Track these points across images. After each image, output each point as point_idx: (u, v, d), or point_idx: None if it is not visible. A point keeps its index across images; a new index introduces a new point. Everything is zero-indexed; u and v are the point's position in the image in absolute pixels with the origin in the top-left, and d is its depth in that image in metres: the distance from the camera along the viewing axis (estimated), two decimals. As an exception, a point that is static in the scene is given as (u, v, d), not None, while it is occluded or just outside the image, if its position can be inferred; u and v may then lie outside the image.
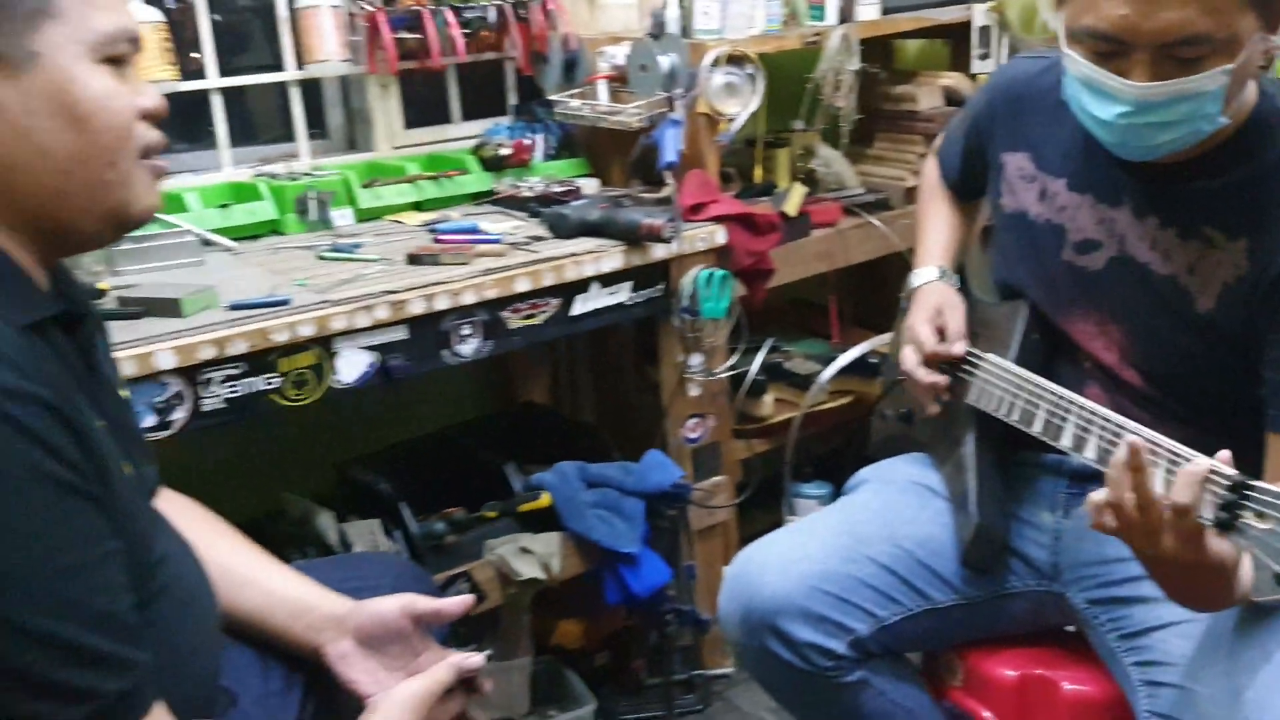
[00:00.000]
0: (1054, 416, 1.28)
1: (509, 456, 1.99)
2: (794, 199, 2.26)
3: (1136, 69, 1.13)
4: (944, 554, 1.43)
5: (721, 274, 1.99)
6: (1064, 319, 1.40)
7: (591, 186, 2.23)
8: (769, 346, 2.29)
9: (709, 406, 2.11)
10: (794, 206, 2.25)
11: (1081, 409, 1.24)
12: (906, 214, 2.29)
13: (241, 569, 1.17)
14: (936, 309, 1.51)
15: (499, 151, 2.21)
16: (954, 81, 2.54)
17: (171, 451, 1.37)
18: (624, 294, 1.94)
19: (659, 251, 1.93)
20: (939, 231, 1.64)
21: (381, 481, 1.91)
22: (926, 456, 1.56)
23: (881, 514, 1.47)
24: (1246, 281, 1.22)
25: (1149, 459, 1.04)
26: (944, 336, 1.48)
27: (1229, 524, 1.02)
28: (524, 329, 1.82)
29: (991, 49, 2.52)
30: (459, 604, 1.19)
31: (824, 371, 2.29)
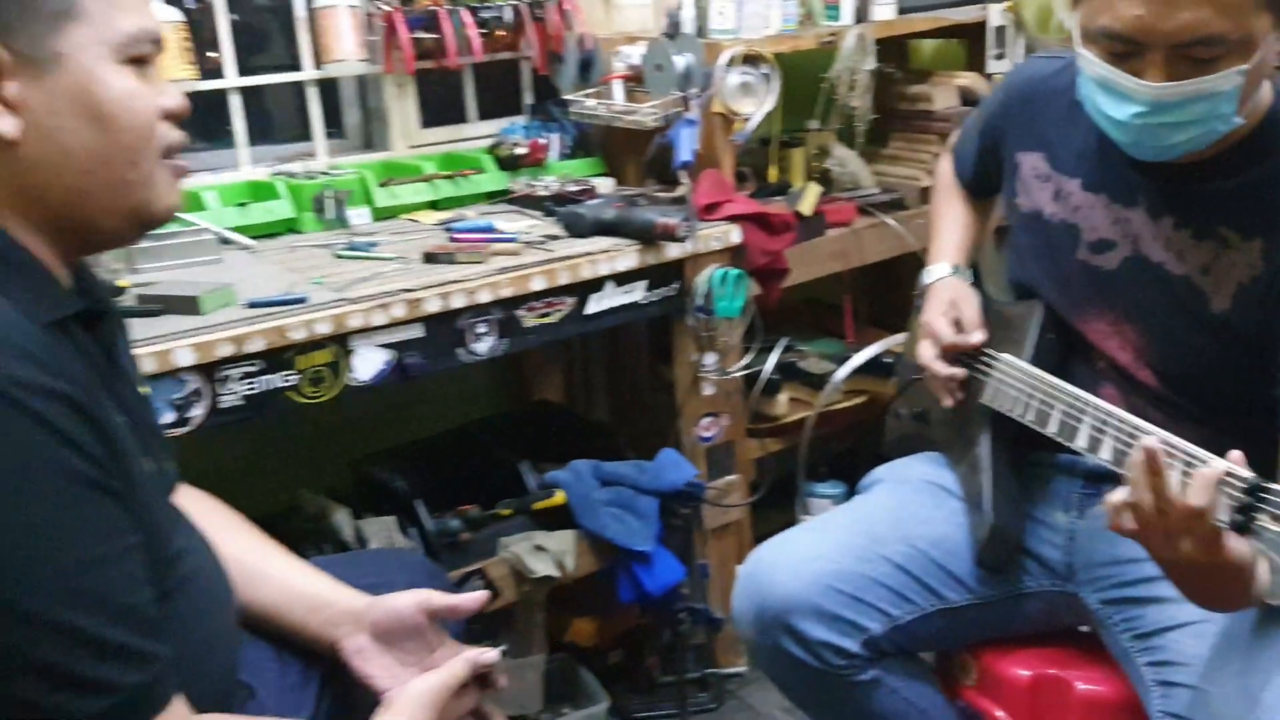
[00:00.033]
0: (1069, 417, 1.28)
1: (524, 454, 2.00)
2: (809, 198, 2.26)
3: (1151, 69, 1.13)
4: (958, 554, 1.43)
5: (736, 273, 1.99)
6: (1079, 318, 1.39)
7: (606, 186, 2.23)
8: (783, 346, 2.29)
9: (723, 405, 2.11)
10: (809, 206, 2.25)
11: (1097, 410, 1.24)
12: (921, 214, 2.29)
13: (259, 564, 1.18)
14: (951, 302, 1.51)
15: (514, 151, 2.22)
16: (969, 81, 2.54)
17: (190, 448, 1.38)
18: (639, 293, 1.94)
19: (674, 251, 1.94)
20: (952, 229, 1.64)
21: (397, 479, 1.92)
22: (941, 456, 1.56)
23: (896, 513, 1.47)
24: (1261, 281, 1.21)
25: (1165, 461, 1.04)
26: (960, 329, 1.48)
27: (1244, 526, 1.02)
28: (539, 327, 1.83)
29: (1007, 49, 2.52)
30: (474, 600, 1.19)
31: (838, 371, 2.29)
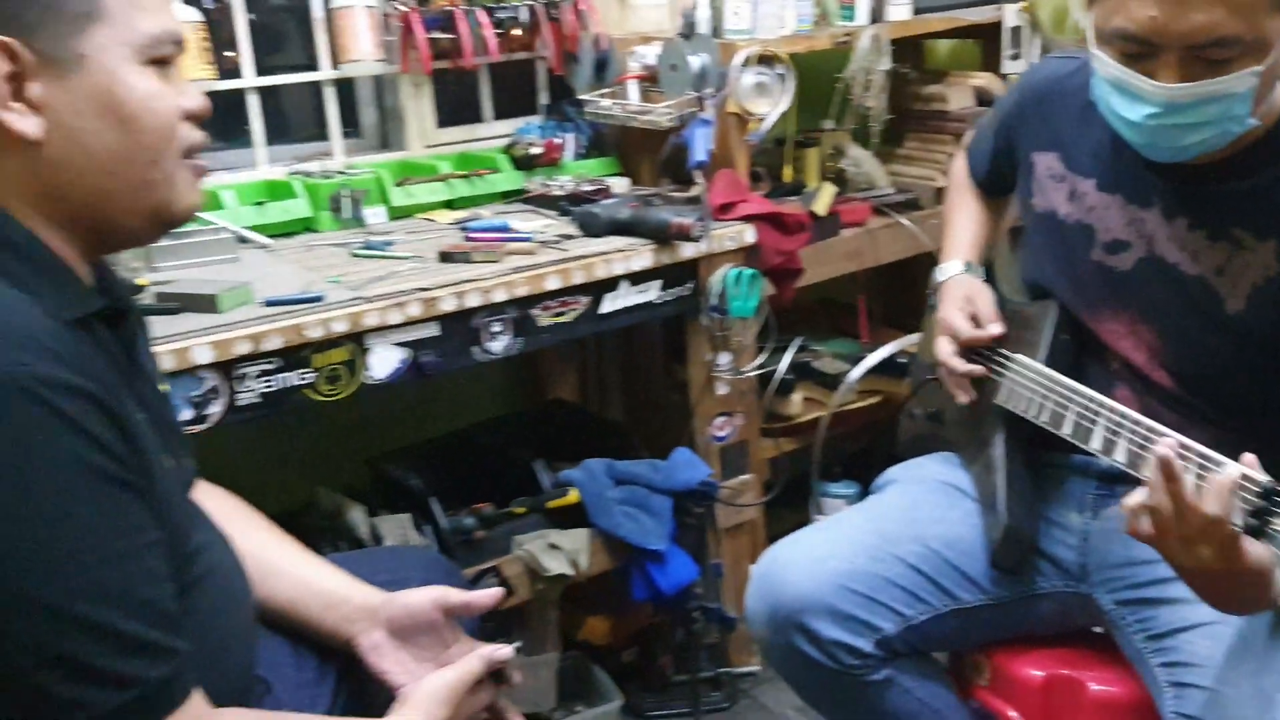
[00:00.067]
0: (1084, 419, 1.28)
1: (538, 453, 2.00)
2: (823, 198, 2.26)
3: (1165, 70, 1.13)
4: (972, 554, 1.42)
5: (750, 273, 1.99)
6: (1093, 319, 1.39)
7: (621, 185, 2.24)
8: (797, 345, 2.29)
9: (737, 405, 2.12)
10: (823, 206, 2.25)
11: (1111, 412, 1.24)
12: (936, 214, 2.29)
13: (276, 560, 1.19)
14: (966, 298, 1.51)
15: (530, 150, 2.23)
16: (985, 82, 2.53)
17: (207, 445, 1.39)
18: (653, 292, 1.94)
19: (688, 250, 1.94)
20: (965, 227, 1.64)
21: (412, 476, 1.93)
22: (955, 456, 1.56)
23: (909, 513, 1.47)
24: (1275, 283, 1.21)
25: (1180, 466, 1.04)
26: (976, 324, 1.48)
27: (1259, 530, 1.01)
28: (554, 327, 1.83)
29: (1023, 49, 2.51)
30: (489, 596, 1.20)
31: (852, 371, 2.29)
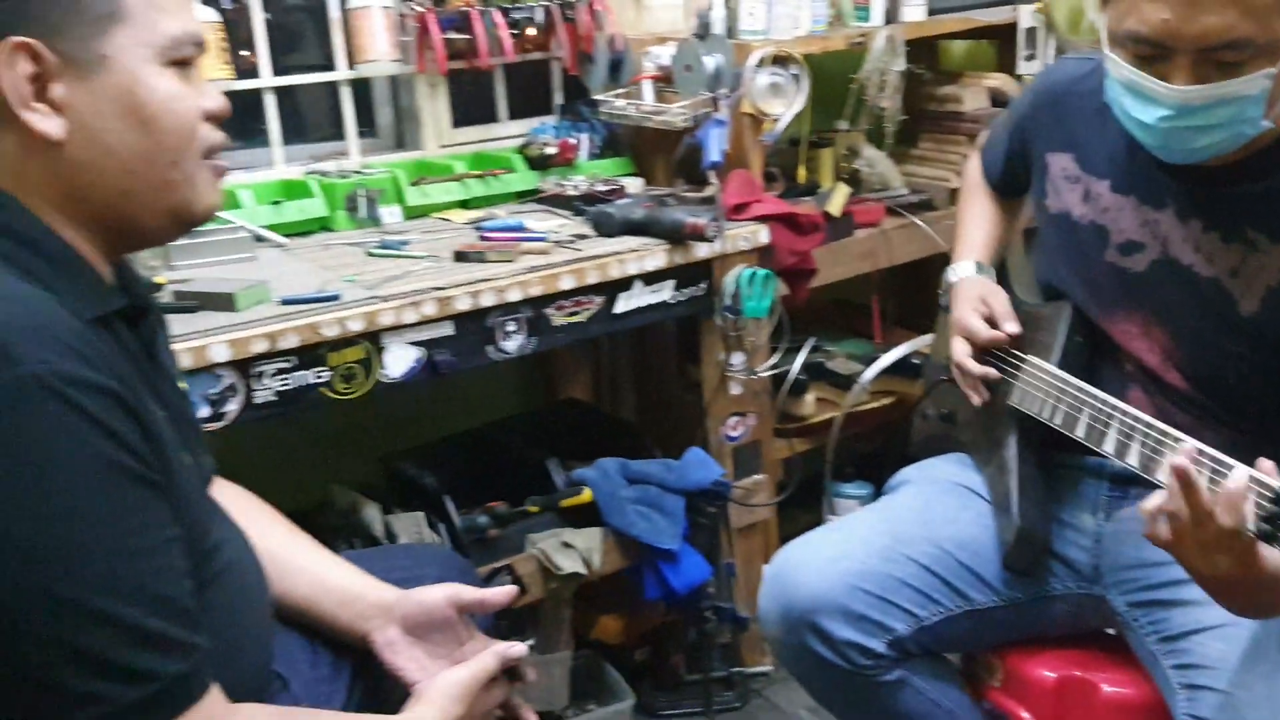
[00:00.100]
0: (1097, 422, 1.28)
1: (551, 452, 2.01)
2: (837, 199, 2.26)
3: (1178, 73, 1.13)
4: (985, 555, 1.43)
5: (764, 273, 1.99)
6: (1107, 320, 1.39)
7: (636, 185, 2.24)
8: (811, 346, 2.29)
9: (750, 405, 2.12)
10: (837, 206, 2.25)
11: (1125, 415, 1.24)
12: (950, 215, 2.28)
13: (293, 557, 1.20)
14: (980, 298, 1.51)
15: (545, 150, 2.23)
16: (999, 83, 2.53)
17: (224, 442, 1.40)
18: (667, 292, 1.95)
19: (702, 250, 1.95)
20: (979, 228, 1.64)
21: (426, 475, 1.94)
22: (968, 457, 1.56)
23: (922, 514, 1.47)
24: (1290, 285, 1.21)
25: (1196, 473, 1.04)
26: (992, 325, 1.48)
27: (1272, 536, 1.01)
28: (568, 326, 1.84)
29: (1038, 50, 2.51)
30: (503, 594, 1.21)
31: (866, 371, 2.29)
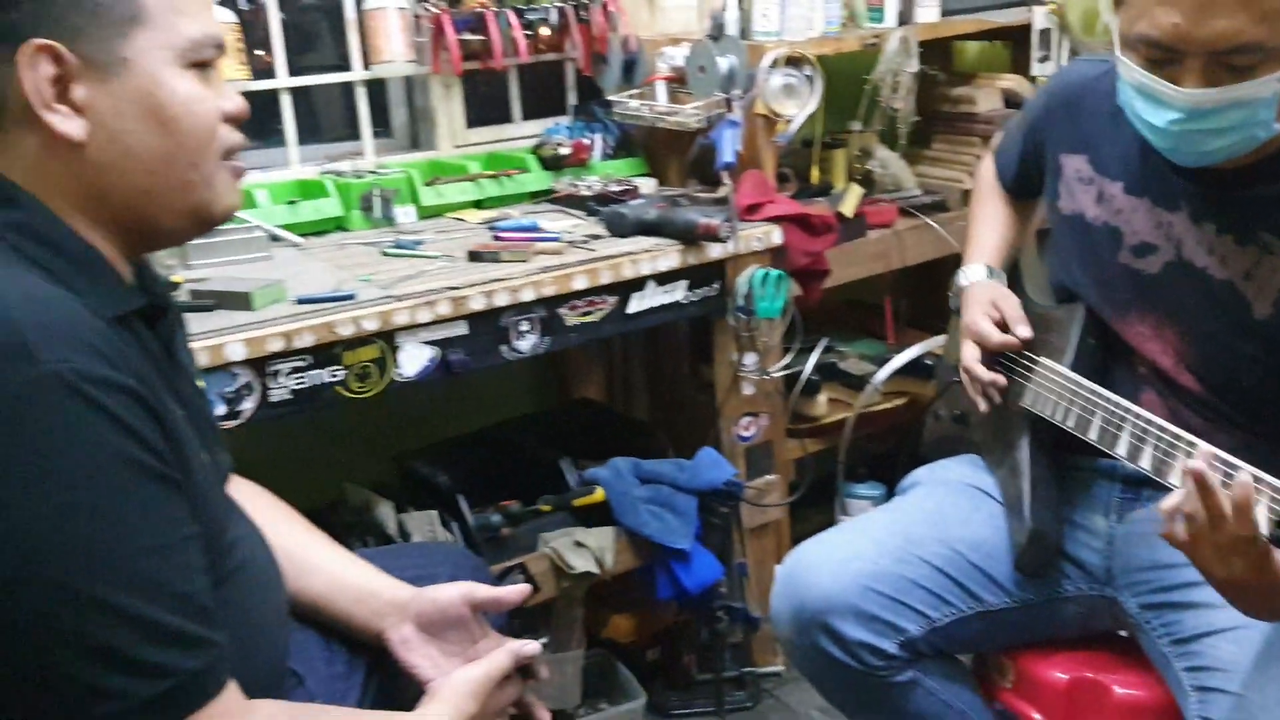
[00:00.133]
0: (1110, 424, 1.28)
1: (564, 451, 2.02)
2: (850, 200, 2.26)
3: (1189, 76, 1.13)
4: (997, 557, 1.43)
5: (777, 274, 1.99)
6: (1120, 321, 1.39)
7: (649, 186, 2.25)
8: (824, 346, 2.29)
9: (763, 405, 2.12)
10: (850, 207, 2.25)
11: (1138, 418, 1.24)
12: (963, 216, 2.27)
13: (308, 555, 1.21)
14: (991, 302, 1.51)
15: (558, 151, 2.24)
16: (1013, 84, 2.53)
17: (240, 440, 1.41)
18: (680, 293, 1.95)
19: (715, 251, 1.95)
20: (991, 230, 1.64)
21: (440, 474, 1.95)
22: (980, 458, 1.56)
23: (934, 515, 1.47)
24: (1303, 288, 1.21)
25: (1214, 478, 1.04)
26: (1003, 328, 1.48)
27: (1280, 539, 1.02)
28: (581, 326, 1.85)
29: (1052, 51, 2.50)
30: (517, 592, 1.21)
31: (878, 372, 2.29)
